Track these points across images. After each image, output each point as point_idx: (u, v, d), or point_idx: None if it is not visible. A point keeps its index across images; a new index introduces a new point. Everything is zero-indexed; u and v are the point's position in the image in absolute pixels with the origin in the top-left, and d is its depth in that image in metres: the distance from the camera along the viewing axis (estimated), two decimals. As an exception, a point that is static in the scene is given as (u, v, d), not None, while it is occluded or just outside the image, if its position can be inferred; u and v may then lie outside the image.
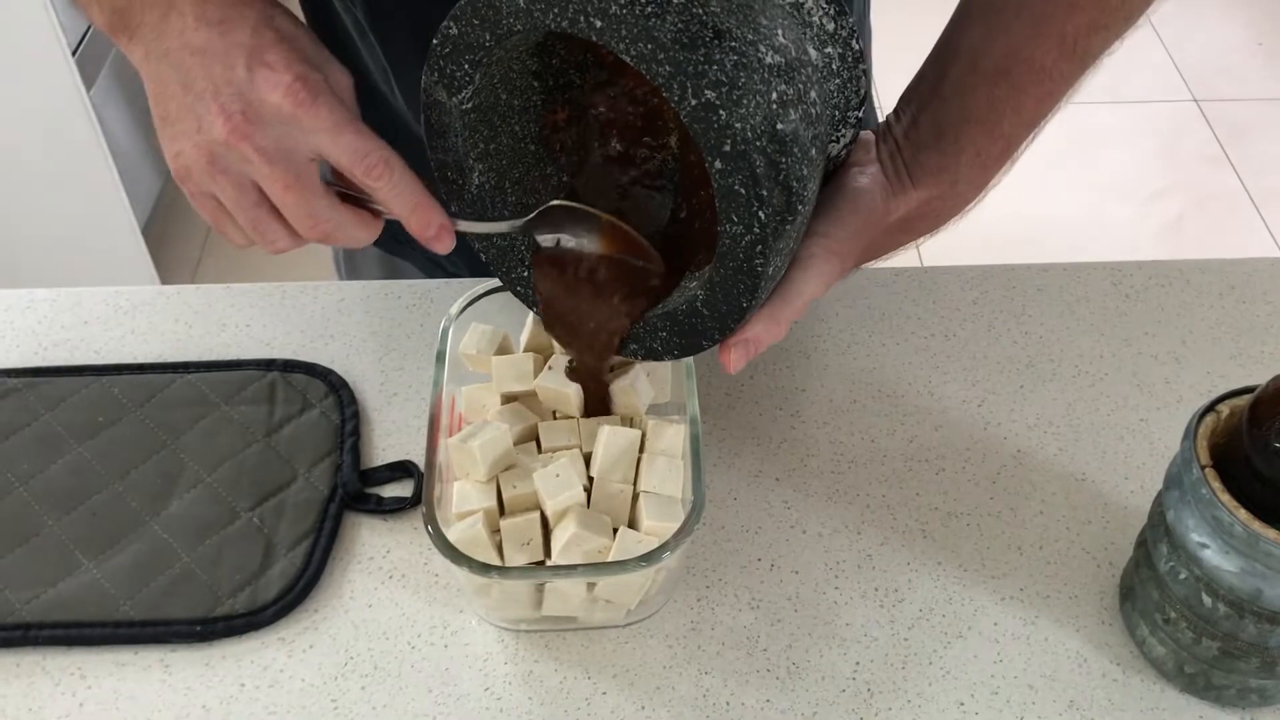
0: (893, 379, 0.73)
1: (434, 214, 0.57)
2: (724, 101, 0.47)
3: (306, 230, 0.56)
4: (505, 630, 0.62)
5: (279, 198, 0.55)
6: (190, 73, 0.54)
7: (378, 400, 0.73)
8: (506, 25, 0.51)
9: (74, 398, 0.72)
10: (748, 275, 0.51)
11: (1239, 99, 2.49)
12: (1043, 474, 0.68)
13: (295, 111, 0.53)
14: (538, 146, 0.60)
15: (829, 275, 0.57)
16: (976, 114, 0.59)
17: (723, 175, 0.48)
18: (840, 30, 0.56)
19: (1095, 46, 0.58)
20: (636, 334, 0.58)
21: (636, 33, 0.47)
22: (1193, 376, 0.73)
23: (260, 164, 0.54)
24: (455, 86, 0.55)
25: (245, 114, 0.53)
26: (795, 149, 0.49)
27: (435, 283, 0.80)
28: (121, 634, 0.61)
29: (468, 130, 0.56)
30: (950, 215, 0.63)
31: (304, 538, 0.65)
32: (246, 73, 0.53)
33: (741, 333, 0.55)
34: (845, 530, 0.66)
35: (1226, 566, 0.53)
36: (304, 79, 0.53)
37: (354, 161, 0.54)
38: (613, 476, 0.60)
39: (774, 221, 0.49)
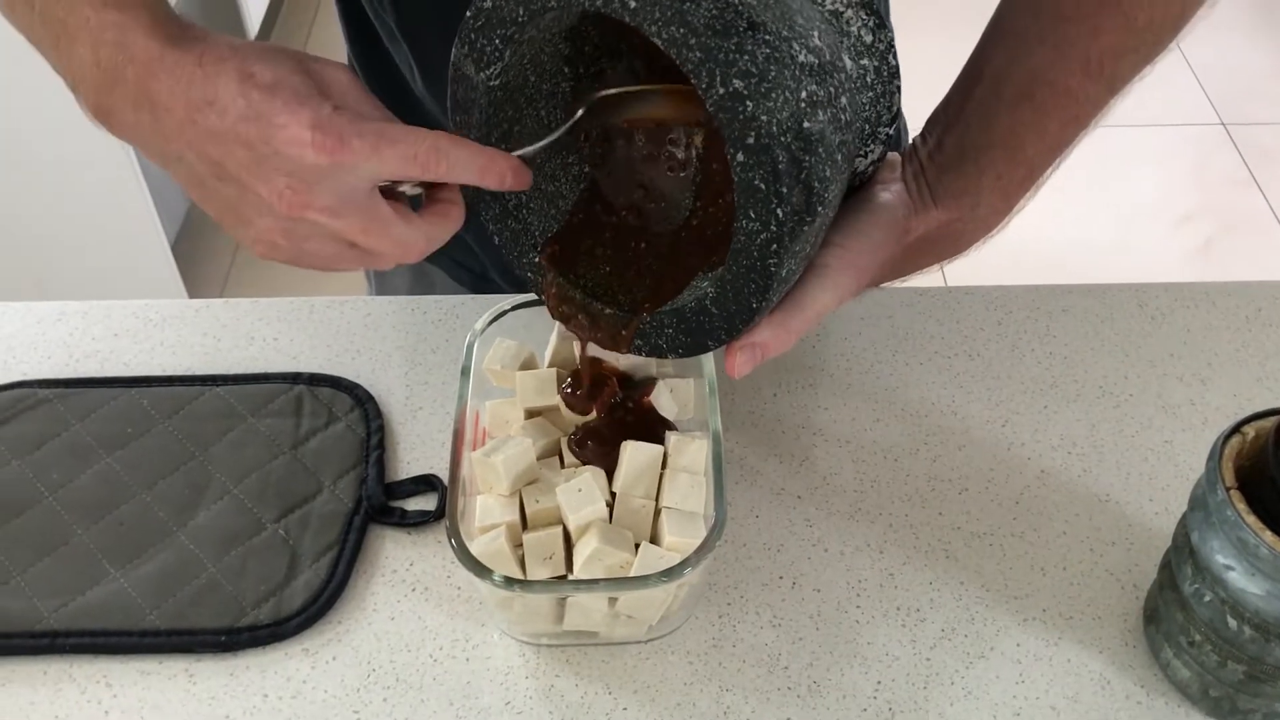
0: (916, 398, 0.73)
1: (501, 163, 0.55)
2: (752, 92, 0.46)
3: (400, 258, 0.55)
4: (527, 644, 0.62)
5: (362, 243, 0.54)
6: (218, 163, 0.52)
7: (403, 414, 0.73)
8: (541, 2, 0.50)
9: (104, 409, 0.72)
10: (760, 275, 0.50)
11: (1266, 122, 2.48)
12: (1066, 495, 0.68)
13: (331, 161, 0.51)
14: (564, 134, 0.60)
15: (844, 288, 0.56)
16: (999, 137, 0.59)
17: (744, 169, 0.48)
18: (878, 43, 0.56)
19: (1123, 70, 0.58)
20: (643, 330, 0.57)
21: (670, 15, 0.47)
22: (1218, 399, 0.73)
23: (331, 221, 0.53)
24: (484, 61, 0.54)
25: (292, 186, 0.52)
26: (820, 149, 0.49)
27: (461, 299, 0.80)
28: (147, 643, 0.62)
29: (493, 108, 0.56)
30: (973, 239, 0.62)
31: (328, 550, 0.65)
32: (266, 146, 0.51)
33: (749, 336, 0.54)
34: (867, 549, 0.66)
35: (1252, 589, 0.52)
36: (320, 127, 0.51)
37: (407, 167, 0.53)
38: (635, 492, 0.60)
39: (791, 221, 0.48)
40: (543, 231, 0.60)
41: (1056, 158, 0.60)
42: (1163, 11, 0.56)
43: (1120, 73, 0.58)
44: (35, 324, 0.79)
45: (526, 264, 0.61)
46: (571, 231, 0.61)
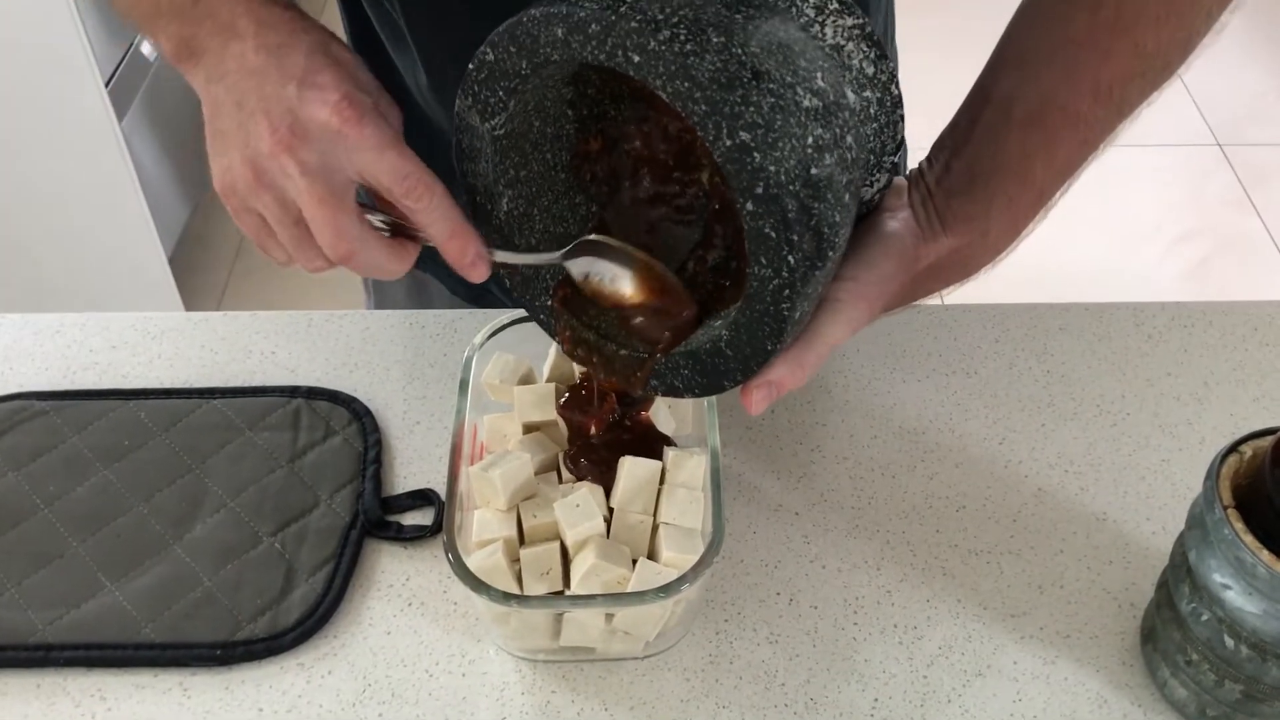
0: (913, 416, 0.73)
1: (471, 242, 0.57)
2: (759, 144, 0.47)
3: (331, 247, 0.56)
4: (523, 660, 0.62)
5: (311, 212, 0.55)
6: (244, 92, 0.56)
7: (400, 429, 0.73)
8: (544, 55, 0.51)
9: (101, 421, 0.72)
10: (774, 319, 0.51)
11: (1262, 144, 2.49)
12: (1063, 513, 0.68)
13: (341, 128, 0.54)
14: (568, 175, 0.60)
15: (855, 321, 0.56)
16: (1008, 161, 0.59)
17: (754, 218, 0.48)
18: (880, 75, 0.56)
19: (1131, 95, 0.58)
20: (659, 370, 0.57)
21: (674, 70, 0.47)
22: (1215, 418, 0.73)
23: (299, 177, 0.54)
24: (489, 112, 0.55)
25: (292, 128, 0.54)
26: (829, 194, 0.49)
27: (459, 313, 0.80)
28: (142, 656, 0.62)
29: (498, 156, 0.57)
30: (982, 263, 0.62)
31: (325, 564, 0.65)
32: (297, 90, 0.54)
33: (764, 375, 0.54)
34: (865, 566, 0.66)
35: (1249, 608, 0.52)
36: (351, 98, 0.54)
37: (395, 181, 0.55)
38: (633, 508, 0.60)
39: (803, 267, 0.49)
40: (554, 275, 0.60)
41: (1066, 181, 0.60)
42: (1170, 37, 0.56)
43: (1129, 97, 0.58)
44: (33, 335, 0.79)
45: (539, 307, 0.61)
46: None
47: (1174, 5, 0.55)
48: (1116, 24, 0.56)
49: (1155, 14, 0.55)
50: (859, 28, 0.56)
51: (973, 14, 2.76)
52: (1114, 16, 0.55)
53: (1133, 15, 0.55)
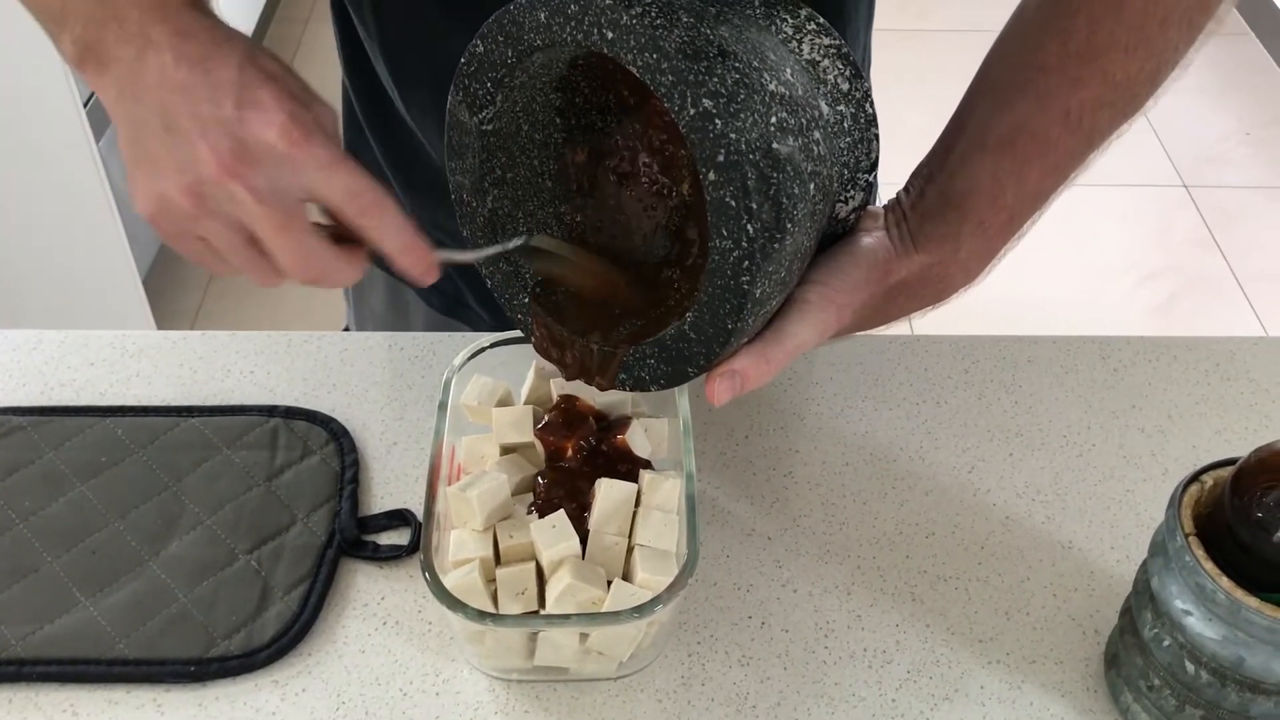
0: (884, 443, 0.75)
1: (423, 254, 0.56)
2: (720, 111, 0.48)
3: (299, 271, 0.55)
4: (497, 680, 0.62)
5: (271, 239, 0.53)
6: (172, 112, 0.52)
7: (378, 449, 0.74)
8: (528, 41, 0.53)
9: (78, 437, 0.73)
10: (734, 294, 0.51)
11: (1227, 186, 2.54)
12: (1030, 541, 0.69)
13: (290, 151, 0.51)
14: (554, 183, 0.61)
15: (824, 324, 0.57)
16: (980, 184, 0.60)
17: (715, 187, 0.50)
18: (854, 92, 0.58)
19: (1101, 124, 0.59)
20: (626, 364, 0.58)
21: (644, 42, 0.49)
22: (1178, 450, 0.75)
23: (252, 204, 0.52)
24: (477, 105, 0.56)
25: (235, 153, 0.51)
26: (789, 168, 0.50)
27: (438, 335, 0.81)
28: (115, 672, 0.62)
29: (486, 153, 0.58)
30: (954, 286, 0.63)
31: (300, 582, 0.65)
32: (236, 111, 0.51)
33: (728, 364, 0.55)
34: (836, 591, 0.67)
35: (1209, 634, 0.54)
36: (297, 118, 0.52)
37: (346, 200, 0.53)
38: (608, 529, 0.61)
39: (762, 238, 0.50)
40: (534, 273, 0.61)
41: (1037, 206, 0.62)
42: (1138, 68, 0.58)
43: (1098, 126, 0.60)
44: (11, 351, 0.79)
45: (517, 305, 0.62)
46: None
47: (1143, 36, 0.57)
48: (1087, 53, 0.58)
49: (1125, 44, 0.57)
50: (835, 48, 0.58)
51: (948, 48, 2.80)
52: (1085, 46, 0.57)
53: (1103, 45, 0.57)
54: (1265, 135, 2.68)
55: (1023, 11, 0.61)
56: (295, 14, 2.94)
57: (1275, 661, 0.52)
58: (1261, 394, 0.78)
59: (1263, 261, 2.35)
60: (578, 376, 0.61)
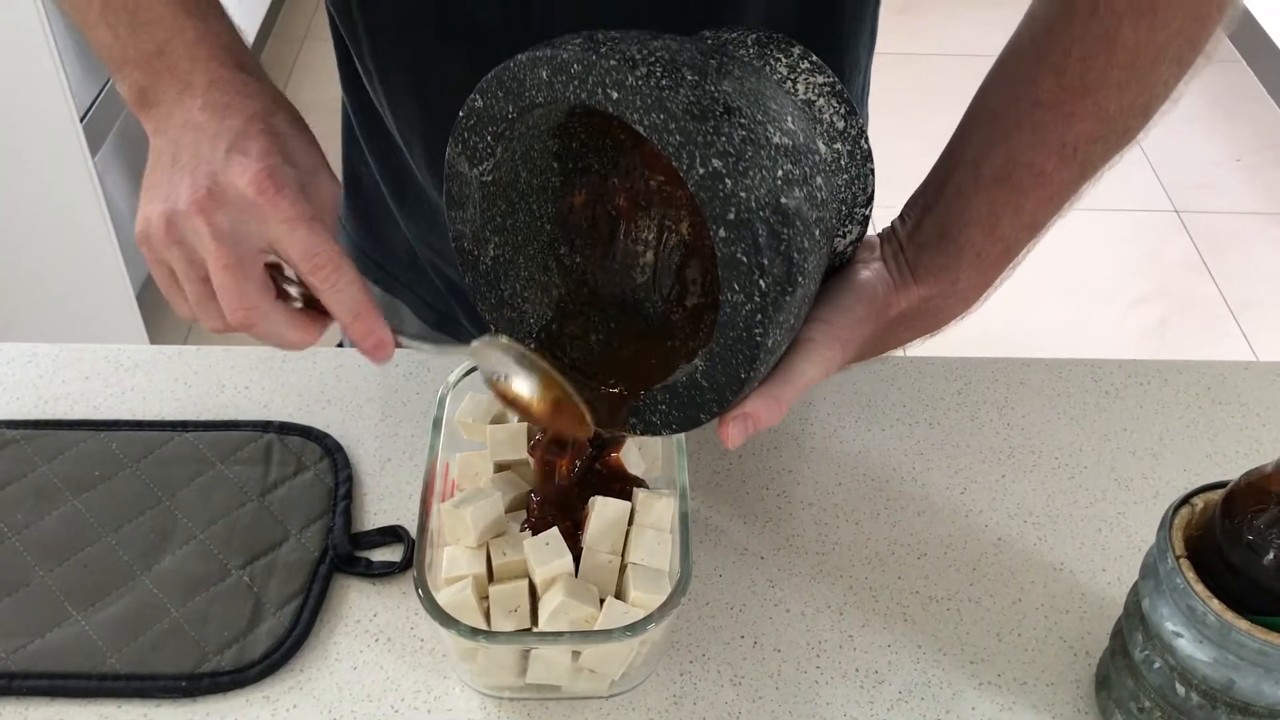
0: (878, 464, 0.75)
1: (374, 324, 0.58)
2: (730, 171, 0.48)
3: (232, 312, 0.57)
4: (489, 697, 0.62)
5: (217, 276, 0.56)
6: (181, 148, 0.57)
7: (371, 465, 0.74)
8: (529, 98, 0.53)
9: (72, 451, 0.72)
10: (747, 345, 0.52)
11: (1218, 211, 2.56)
12: (1022, 563, 0.70)
13: (257, 199, 0.54)
14: (553, 226, 0.61)
15: (829, 360, 0.58)
16: (977, 216, 0.61)
17: (726, 244, 0.50)
18: (850, 129, 0.58)
19: (1095, 156, 0.60)
20: (637, 409, 0.58)
21: (650, 103, 0.49)
22: (1169, 473, 0.75)
23: (208, 239, 0.55)
24: (477, 158, 0.57)
25: (210, 191, 0.55)
26: (798, 222, 0.51)
27: (433, 351, 0.81)
28: (106, 687, 0.61)
29: (486, 203, 0.58)
30: (952, 315, 0.64)
31: (293, 598, 0.65)
32: (224, 155, 0.55)
33: (740, 407, 0.55)
34: (828, 610, 0.67)
35: (1200, 656, 0.54)
36: (273, 171, 0.55)
37: (303, 258, 0.55)
38: (601, 547, 0.61)
39: (774, 291, 0.50)
40: (538, 319, 0.61)
41: (1033, 236, 0.62)
42: (1131, 102, 0.58)
43: (1092, 158, 0.60)
44: (5, 365, 0.79)
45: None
46: (565, 317, 0.63)
47: (1135, 71, 0.58)
48: (1081, 88, 0.58)
49: (1117, 80, 0.58)
50: (829, 85, 0.58)
51: (940, 72, 2.82)
52: (1078, 81, 0.58)
53: (1097, 80, 0.58)
54: (1256, 161, 2.70)
55: (1017, 45, 0.61)
56: (292, 33, 2.95)
57: (1266, 684, 0.53)
58: (1252, 417, 0.79)
59: (1253, 287, 2.37)
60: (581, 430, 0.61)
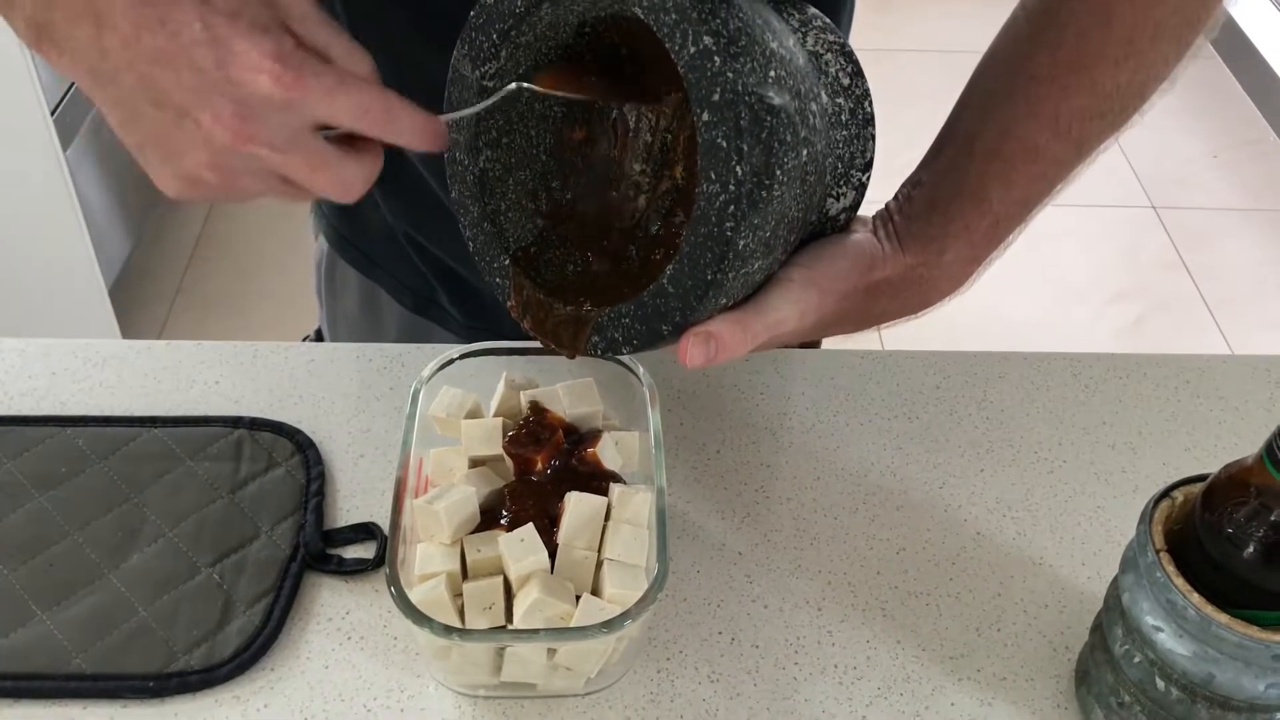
0: (856, 459, 0.74)
1: (435, 134, 0.54)
2: (720, 50, 0.48)
3: (343, 194, 0.53)
4: (463, 696, 0.61)
5: (308, 179, 0.52)
6: (157, 85, 0.49)
7: (344, 461, 0.73)
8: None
9: (37, 448, 0.71)
10: (718, 242, 0.50)
11: (1195, 207, 2.57)
12: (1001, 557, 0.69)
13: (286, 95, 0.49)
14: (549, 157, 0.61)
15: (805, 303, 0.57)
16: (967, 189, 0.60)
17: (708, 128, 0.49)
18: (854, 89, 0.58)
19: (1090, 135, 0.60)
20: (600, 324, 0.56)
21: None
22: (1148, 467, 0.75)
23: (275, 156, 0.50)
24: (481, 58, 0.56)
25: (240, 115, 0.49)
26: (784, 115, 0.50)
27: (406, 347, 0.80)
28: (72, 688, 0.60)
29: (484, 111, 0.57)
30: (937, 292, 0.63)
31: (263, 596, 0.64)
32: (219, 70, 0.48)
33: (704, 325, 0.53)
34: (806, 606, 0.66)
35: (1180, 650, 0.54)
36: (280, 58, 0.49)
37: (356, 118, 0.51)
38: (577, 543, 0.60)
39: (750, 181, 0.49)
40: (517, 240, 0.60)
41: (1023, 214, 0.62)
42: (1128, 79, 0.58)
43: (1087, 136, 0.60)
44: (-30, 360, 0.78)
45: (497, 268, 0.61)
46: (545, 245, 0.62)
47: (1132, 49, 0.57)
48: (1077, 62, 0.58)
49: (1115, 55, 0.57)
50: (840, 45, 0.58)
51: (917, 68, 2.82)
52: (1074, 55, 0.58)
53: (1093, 55, 0.57)
54: (1232, 158, 2.71)
55: (1014, 22, 0.61)
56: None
57: (1244, 678, 0.52)
58: (1231, 411, 0.79)
59: (1230, 283, 2.38)
60: (550, 342, 0.59)
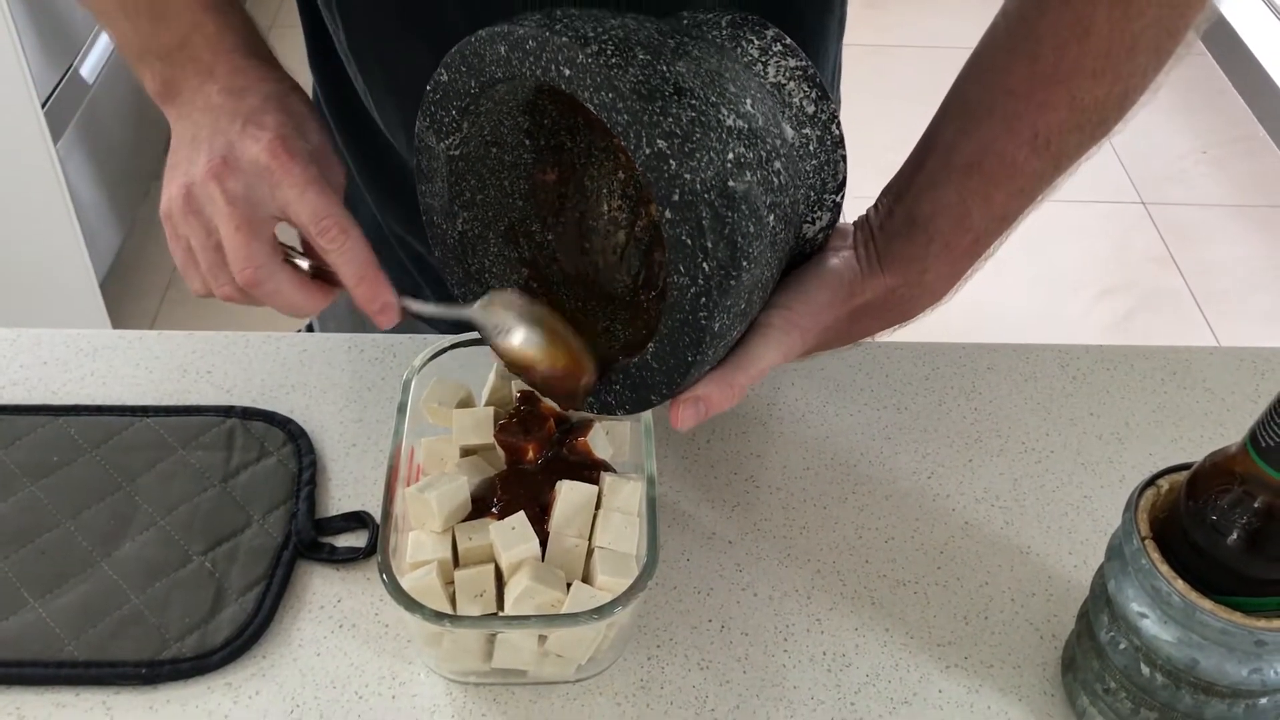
0: (845, 448, 0.75)
1: (380, 289, 0.59)
2: (675, 152, 0.48)
3: (240, 271, 0.59)
4: (454, 682, 0.62)
5: (228, 238, 0.58)
6: (200, 127, 0.60)
7: (336, 450, 0.73)
8: (489, 73, 0.53)
9: (29, 436, 0.71)
10: (692, 328, 0.52)
11: (1184, 203, 2.58)
12: (989, 546, 0.70)
13: (270, 164, 0.57)
14: (525, 203, 0.61)
15: (786, 346, 0.57)
16: (947, 206, 0.60)
17: (671, 225, 0.50)
18: (820, 114, 0.58)
19: (1069, 148, 0.59)
20: (596, 388, 0.58)
21: (599, 81, 0.49)
22: (1134, 457, 0.75)
23: (222, 203, 0.58)
24: (444, 132, 0.57)
25: (225, 159, 0.58)
26: (744, 207, 0.50)
27: (399, 337, 0.80)
28: (64, 674, 0.60)
29: (454, 177, 0.58)
30: (920, 307, 0.63)
31: (255, 584, 0.65)
32: (240, 128, 0.59)
33: (692, 390, 0.55)
34: (795, 595, 0.67)
35: (1164, 636, 0.54)
36: (285, 139, 0.58)
37: (312, 220, 0.58)
38: (568, 531, 0.60)
39: (718, 275, 0.50)
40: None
41: (1003, 229, 0.62)
42: (1106, 92, 0.57)
43: (1066, 150, 0.59)
44: (-39, 350, 0.78)
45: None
46: (533, 294, 0.62)
47: (1109, 62, 0.57)
48: (1054, 76, 0.57)
49: (1091, 69, 0.57)
50: (801, 70, 0.58)
51: (910, 63, 2.83)
52: (1052, 69, 0.57)
53: (1069, 70, 0.57)
54: (1222, 154, 2.72)
55: (992, 35, 0.60)
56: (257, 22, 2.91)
57: (1228, 663, 0.53)
58: (1216, 402, 0.79)
59: (1219, 279, 2.39)
60: (546, 396, 0.61)
